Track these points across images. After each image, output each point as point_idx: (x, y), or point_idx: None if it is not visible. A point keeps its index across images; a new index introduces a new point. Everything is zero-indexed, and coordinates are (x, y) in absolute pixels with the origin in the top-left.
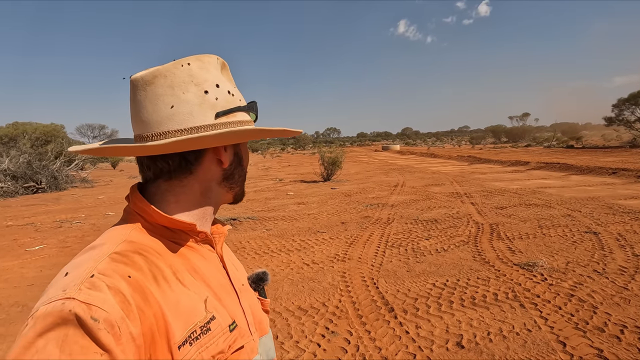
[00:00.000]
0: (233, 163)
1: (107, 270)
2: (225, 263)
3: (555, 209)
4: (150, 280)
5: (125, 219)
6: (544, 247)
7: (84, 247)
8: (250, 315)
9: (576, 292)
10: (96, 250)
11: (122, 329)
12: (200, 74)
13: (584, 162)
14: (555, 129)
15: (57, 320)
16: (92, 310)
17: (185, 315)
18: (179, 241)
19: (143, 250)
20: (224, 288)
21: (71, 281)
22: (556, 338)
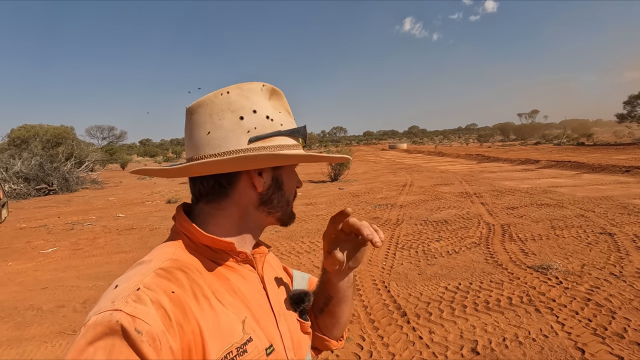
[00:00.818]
0: (271, 188)
1: (152, 285)
2: (266, 284)
3: (568, 209)
4: (190, 297)
5: (172, 237)
6: (557, 249)
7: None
8: (288, 340)
9: (593, 296)
10: (144, 265)
11: (163, 343)
12: (237, 101)
13: (595, 160)
14: (565, 126)
15: (105, 330)
16: (136, 322)
17: (222, 335)
18: (219, 261)
19: (186, 267)
20: (263, 310)
21: (120, 293)
22: (574, 344)
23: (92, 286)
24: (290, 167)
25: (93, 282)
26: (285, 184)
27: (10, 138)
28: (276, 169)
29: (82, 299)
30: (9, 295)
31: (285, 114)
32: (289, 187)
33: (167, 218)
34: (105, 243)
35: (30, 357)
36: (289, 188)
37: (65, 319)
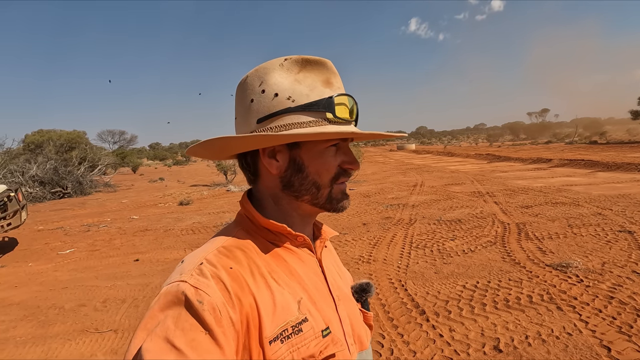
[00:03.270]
0: (289, 170)
1: (213, 261)
2: (324, 268)
3: (584, 207)
4: (247, 274)
5: (236, 220)
6: (576, 247)
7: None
8: (348, 325)
9: (616, 294)
10: (209, 244)
11: (223, 313)
12: (251, 83)
13: (610, 158)
14: (577, 124)
15: (173, 299)
16: (199, 293)
17: (277, 312)
18: (278, 243)
19: (244, 247)
20: (321, 293)
21: (186, 267)
22: (599, 342)
23: (111, 286)
24: (315, 146)
25: (111, 282)
26: (309, 165)
27: (25, 143)
28: (293, 150)
29: (102, 298)
30: (31, 295)
31: (315, 85)
32: (315, 168)
33: (180, 219)
34: (122, 244)
35: (55, 354)
36: (315, 169)
37: (87, 317)
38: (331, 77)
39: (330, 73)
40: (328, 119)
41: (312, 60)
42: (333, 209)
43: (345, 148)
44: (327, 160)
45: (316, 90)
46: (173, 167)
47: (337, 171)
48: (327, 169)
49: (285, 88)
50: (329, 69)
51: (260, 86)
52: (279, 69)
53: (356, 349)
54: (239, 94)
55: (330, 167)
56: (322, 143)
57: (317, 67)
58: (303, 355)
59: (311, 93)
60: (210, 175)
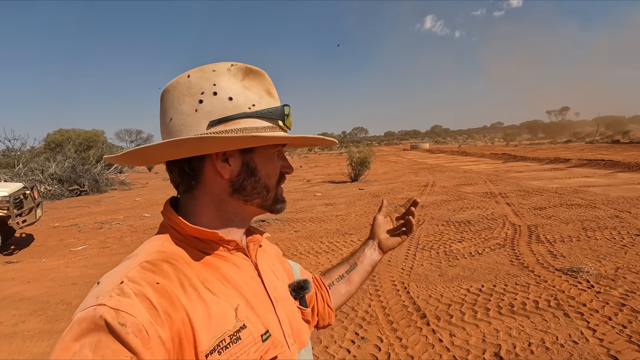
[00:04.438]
0: (241, 174)
1: (136, 278)
2: (260, 271)
3: (601, 209)
4: (177, 287)
5: (160, 231)
6: (589, 251)
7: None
8: (287, 325)
9: (628, 301)
10: (130, 260)
11: (151, 333)
12: (197, 84)
13: (632, 158)
14: (599, 123)
15: (90, 326)
16: (120, 315)
17: (213, 324)
18: (209, 251)
19: (172, 259)
20: (258, 296)
21: (104, 288)
22: (607, 352)
23: None
24: (267, 150)
25: None
26: (260, 169)
27: (46, 142)
28: (246, 154)
29: None
30: (42, 290)
31: (262, 94)
32: (266, 171)
33: None
34: (132, 242)
35: None
36: (265, 173)
37: None
38: (270, 87)
39: (269, 84)
40: (280, 126)
41: (254, 70)
42: (277, 210)
43: (282, 154)
44: (275, 164)
45: (263, 99)
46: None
47: (279, 174)
48: (274, 172)
49: (238, 93)
50: (267, 79)
51: (212, 87)
52: (227, 73)
53: (296, 348)
54: (177, 92)
55: (276, 171)
56: (272, 148)
57: (258, 77)
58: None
59: (261, 101)
60: None
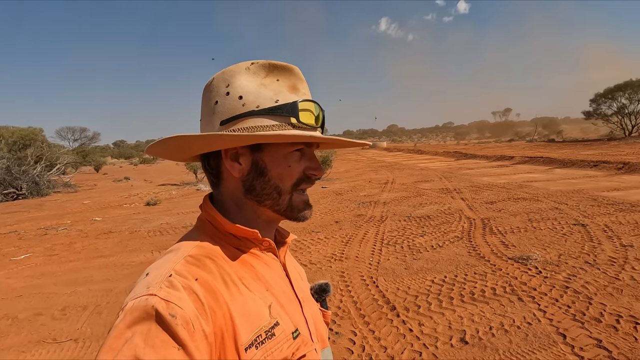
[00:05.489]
0: (250, 173)
1: (183, 272)
2: (289, 271)
3: (543, 202)
4: (220, 283)
5: (198, 225)
6: (535, 241)
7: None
8: (312, 326)
9: (571, 284)
10: (173, 253)
11: (196, 326)
12: (217, 85)
13: (565, 155)
14: (536, 123)
15: (142, 315)
16: (170, 307)
17: (251, 319)
18: (244, 248)
19: (212, 255)
20: (287, 296)
21: (153, 279)
22: (556, 330)
23: (71, 292)
24: (279, 150)
25: (72, 288)
26: (271, 170)
27: None
28: (256, 153)
29: (61, 305)
30: None
31: (281, 91)
32: (277, 172)
33: (147, 220)
34: (83, 248)
35: None
36: (277, 174)
37: (44, 327)
38: (297, 83)
39: (296, 79)
40: (292, 123)
41: (279, 66)
42: (294, 218)
43: (310, 154)
44: (290, 164)
45: (282, 95)
46: (140, 166)
47: (300, 177)
48: (289, 173)
49: (249, 91)
50: (296, 75)
51: (226, 88)
52: (245, 72)
53: (319, 347)
54: (204, 95)
55: (292, 172)
56: (285, 147)
57: (284, 73)
58: (277, 359)
59: (276, 97)
60: (179, 174)
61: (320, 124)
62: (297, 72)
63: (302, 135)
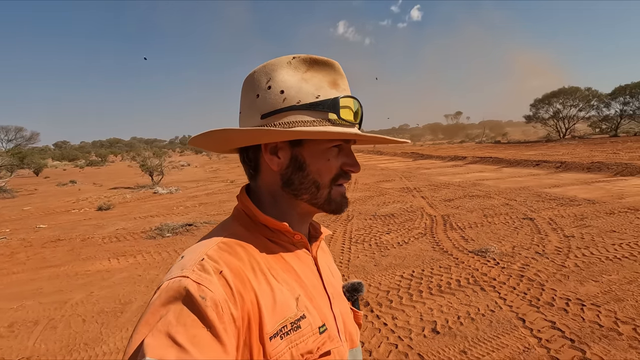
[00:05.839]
0: (289, 167)
1: (214, 257)
2: (319, 267)
3: (495, 199)
4: (249, 270)
5: (234, 215)
6: (491, 234)
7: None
8: (341, 323)
9: (525, 272)
10: (207, 239)
11: (224, 309)
12: (258, 79)
13: (511, 155)
14: (484, 126)
15: (175, 294)
16: (201, 289)
17: (277, 309)
18: (276, 240)
19: (244, 243)
20: (317, 290)
21: (187, 262)
22: (516, 315)
23: (19, 307)
24: (318, 145)
25: (19, 302)
26: (309, 164)
27: None
28: (295, 148)
29: (8, 322)
30: None
31: (322, 86)
32: (316, 167)
33: (101, 226)
34: (28, 258)
35: None
36: (315, 169)
37: None
38: (338, 78)
39: (337, 74)
40: (331, 119)
41: (320, 61)
42: (331, 211)
43: (347, 150)
44: (329, 160)
45: (322, 90)
46: (86, 169)
47: (338, 172)
48: (328, 169)
49: (291, 86)
50: (336, 70)
51: (267, 83)
52: (287, 66)
53: (347, 346)
54: (244, 88)
55: (331, 168)
56: (324, 143)
57: (325, 68)
58: (301, 351)
59: (317, 93)
60: (132, 176)
61: (359, 120)
62: (338, 68)
63: (344, 132)
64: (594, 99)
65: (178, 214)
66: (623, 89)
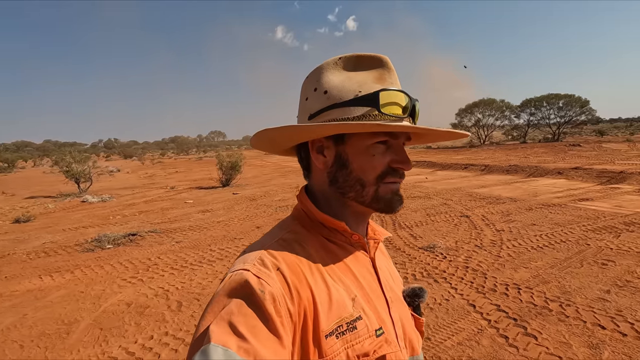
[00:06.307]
0: (334, 166)
1: (273, 253)
2: (377, 269)
3: (434, 199)
4: (305, 267)
5: (293, 214)
6: (436, 232)
7: None
8: (400, 328)
9: (469, 264)
10: (268, 236)
11: (282, 304)
12: (308, 83)
13: (442, 159)
14: None
15: (237, 287)
16: (260, 282)
17: (333, 308)
18: (333, 239)
19: (302, 241)
20: (374, 293)
21: (248, 257)
22: (467, 302)
23: None
24: (361, 142)
25: None
26: (353, 162)
27: None
28: (339, 145)
29: None
30: None
31: (365, 82)
32: (359, 164)
33: (22, 240)
34: None
35: None
36: (358, 166)
37: None
38: (384, 73)
39: (383, 69)
40: (374, 114)
41: (366, 57)
42: (381, 209)
43: (396, 146)
44: (374, 156)
45: (365, 86)
46: None
47: (385, 169)
48: (372, 166)
49: (334, 85)
50: (383, 65)
51: (315, 85)
52: (333, 67)
53: (407, 353)
54: (300, 93)
55: (376, 165)
56: (368, 139)
57: (371, 64)
58: (357, 353)
59: (359, 89)
60: (53, 184)
61: (408, 114)
62: (385, 62)
63: (378, 124)
64: (507, 109)
65: (116, 224)
66: (529, 101)
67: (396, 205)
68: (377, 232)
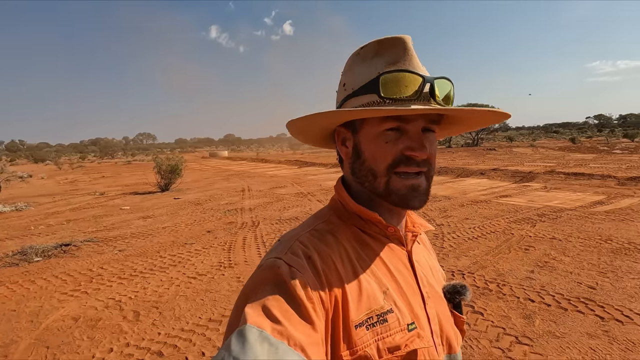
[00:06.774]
0: (352, 156)
1: (305, 242)
2: (414, 262)
3: None
4: (337, 257)
5: (330, 204)
6: None
7: None
8: (436, 325)
9: None
10: (302, 226)
11: (313, 291)
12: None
13: None
14: None
15: (270, 273)
16: (292, 270)
17: (363, 299)
18: (368, 231)
19: (335, 231)
20: (409, 287)
21: (282, 245)
22: None
23: None
24: (371, 129)
25: None
26: (365, 151)
27: None
28: (355, 135)
29: None
30: None
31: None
32: (370, 153)
33: None
34: None
35: None
36: (370, 155)
37: None
38: (401, 55)
39: (400, 51)
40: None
41: (385, 42)
42: (395, 204)
43: (412, 133)
44: (386, 143)
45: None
46: None
47: (397, 158)
48: (383, 154)
49: (350, 77)
50: (400, 46)
51: (341, 79)
52: (354, 58)
53: (444, 350)
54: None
55: (386, 153)
56: (377, 126)
57: (389, 48)
58: (388, 345)
59: (371, 76)
60: None
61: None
62: (403, 43)
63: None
64: None
65: (41, 234)
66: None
67: (413, 201)
68: (416, 224)
